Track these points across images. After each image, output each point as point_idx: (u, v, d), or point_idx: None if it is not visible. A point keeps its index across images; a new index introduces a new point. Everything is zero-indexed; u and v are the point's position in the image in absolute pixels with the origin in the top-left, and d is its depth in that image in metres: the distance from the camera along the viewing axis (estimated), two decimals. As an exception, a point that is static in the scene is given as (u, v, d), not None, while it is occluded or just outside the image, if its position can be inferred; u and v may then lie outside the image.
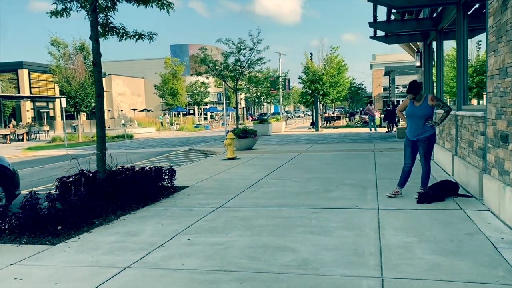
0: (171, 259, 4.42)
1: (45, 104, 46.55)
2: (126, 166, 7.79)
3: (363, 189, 7.54)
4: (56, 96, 42.15)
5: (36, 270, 4.29)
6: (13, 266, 4.44)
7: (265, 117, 38.35)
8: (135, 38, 8.86)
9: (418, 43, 14.33)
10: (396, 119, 23.53)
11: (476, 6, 8.46)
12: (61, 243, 5.14)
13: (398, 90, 45.86)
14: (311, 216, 5.87)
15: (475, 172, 6.52)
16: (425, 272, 3.75)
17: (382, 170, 9.58)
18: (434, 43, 11.58)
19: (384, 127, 25.81)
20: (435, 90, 11.45)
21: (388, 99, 42.93)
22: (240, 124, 28.56)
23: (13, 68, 43.06)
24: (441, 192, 6.42)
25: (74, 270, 4.23)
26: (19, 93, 42.21)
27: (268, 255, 4.40)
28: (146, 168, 7.82)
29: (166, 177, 8.13)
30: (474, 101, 19.21)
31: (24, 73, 43.59)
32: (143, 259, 4.44)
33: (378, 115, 27.79)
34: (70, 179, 6.66)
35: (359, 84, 66.15)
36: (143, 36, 8.99)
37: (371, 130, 25.64)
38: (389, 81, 40.84)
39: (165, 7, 8.72)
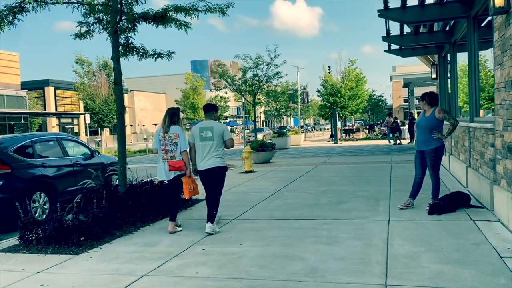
0: (186, 267, 4.65)
1: (70, 120, 47.87)
2: (145, 180, 8.11)
3: (376, 201, 7.66)
4: (80, 112, 43.40)
5: (60, 277, 4.59)
6: (39, 274, 4.75)
7: (284, 130, 38.57)
8: (154, 57, 9.25)
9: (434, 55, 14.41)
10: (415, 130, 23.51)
11: (489, 18, 8.57)
12: (84, 252, 5.44)
13: (418, 102, 45.55)
14: (323, 227, 6.04)
15: (487, 183, 6.59)
16: (428, 280, 3.89)
17: (396, 182, 9.66)
18: (448, 55, 11.67)
19: (403, 139, 25.78)
20: (450, 102, 11.49)
21: (408, 110, 42.80)
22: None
23: (39, 86, 44.58)
24: (452, 203, 6.51)
25: (95, 278, 4.51)
26: (45, 110, 43.61)
27: (278, 264, 4.59)
28: (165, 181, 8.10)
29: (184, 190, 8.40)
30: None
31: (50, 90, 45.06)
32: (160, 268, 4.69)
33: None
34: (93, 193, 7.00)
35: (379, 96, 65.92)
36: (162, 55, 9.37)
37: (390, 142, 25.58)
38: (408, 92, 40.58)
39: (183, 27, 9.09)
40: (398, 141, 24.75)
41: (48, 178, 8.36)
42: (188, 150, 6.30)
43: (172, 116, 6.38)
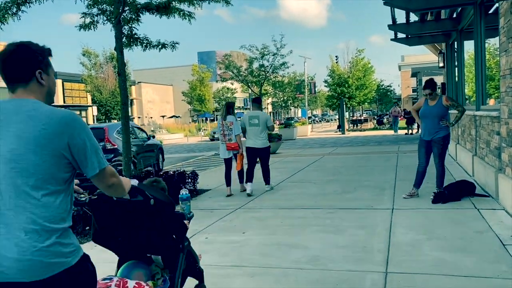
0: (188, 256, 4.68)
1: (78, 112, 47.99)
2: (151, 171, 8.17)
3: (380, 190, 7.64)
4: (88, 104, 43.61)
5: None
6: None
7: (291, 122, 38.49)
8: (158, 48, 9.25)
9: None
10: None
11: (497, 5, 8.43)
12: (88, 242, 5.49)
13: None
14: (326, 216, 6.05)
15: (492, 171, 6.54)
16: (429, 267, 3.89)
17: (402, 172, 9.62)
18: (456, 43, 11.53)
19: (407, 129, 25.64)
20: (457, 91, 11.37)
21: (416, 100, 42.39)
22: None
23: (47, 78, 44.72)
24: (457, 192, 6.47)
25: (98, 266, 4.52)
26: (53, 102, 43.85)
27: (281, 252, 4.62)
28: (170, 172, 8.17)
29: (189, 180, 8.44)
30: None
31: (58, 83, 45.25)
32: None
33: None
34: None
35: (388, 86, 65.47)
36: (166, 46, 9.37)
37: (395, 132, 25.44)
38: (417, 82, 40.26)
39: (186, 17, 9.07)
40: (409, 131, 24.56)
41: (134, 152, 10.52)
42: (240, 134, 8.02)
43: (228, 109, 8.14)
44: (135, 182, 2.41)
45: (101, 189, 2.04)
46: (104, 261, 4.62)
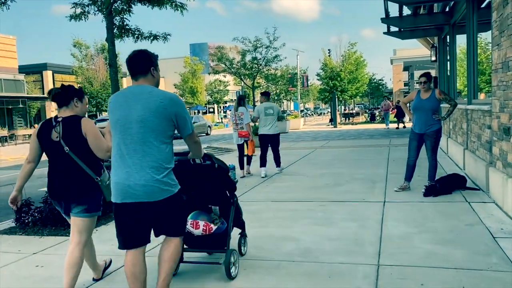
0: (180, 248, 4.67)
1: (68, 104, 47.60)
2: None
3: (372, 183, 7.67)
4: (79, 96, 43.14)
5: (56, 258, 4.61)
6: (35, 255, 4.78)
7: (284, 115, 38.48)
8: (150, 39, 9.17)
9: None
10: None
11: (489, -1, 8.45)
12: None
13: (417, 85, 45.32)
14: (318, 208, 6.06)
15: (483, 165, 6.59)
16: (420, 260, 3.91)
17: (394, 165, 9.66)
18: (448, 37, 11.55)
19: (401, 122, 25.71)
20: (449, 85, 11.42)
21: (408, 94, 42.54)
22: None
23: (37, 70, 44.29)
24: (448, 185, 6.51)
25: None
26: (43, 94, 43.42)
27: (272, 244, 4.62)
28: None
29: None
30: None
31: (48, 74, 44.78)
32: (155, 249, 4.70)
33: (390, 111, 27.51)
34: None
35: (380, 80, 65.64)
36: (158, 37, 9.29)
37: (387, 125, 25.54)
38: (409, 76, 40.39)
39: (178, 8, 8.99)
40: (401, 125, 24.68)
41: None
42: (250, 122, 9.04)
43: (239, 101, 9.10)
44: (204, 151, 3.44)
45: (190, 144, 3.15)
46: (96, 253, 4.61)
